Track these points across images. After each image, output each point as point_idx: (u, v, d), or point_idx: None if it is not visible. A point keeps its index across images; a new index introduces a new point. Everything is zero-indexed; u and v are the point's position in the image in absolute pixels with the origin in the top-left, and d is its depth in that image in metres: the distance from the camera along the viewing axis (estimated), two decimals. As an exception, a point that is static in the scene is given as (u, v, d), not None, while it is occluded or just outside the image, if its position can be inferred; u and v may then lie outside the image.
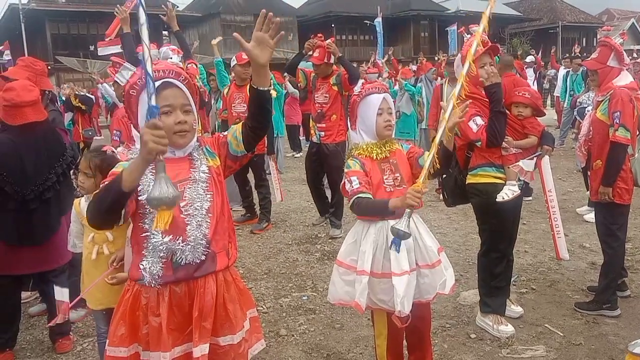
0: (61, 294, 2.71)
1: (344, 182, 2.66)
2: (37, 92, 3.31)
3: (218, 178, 2.06)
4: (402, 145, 2.82)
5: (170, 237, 1.90)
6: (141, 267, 1.92)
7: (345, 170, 2.68)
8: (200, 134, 5.72)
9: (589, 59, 3.70)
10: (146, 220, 1.92)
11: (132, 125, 2.05)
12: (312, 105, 5.98)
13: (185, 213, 1.93)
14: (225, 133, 2.12)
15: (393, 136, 2.77)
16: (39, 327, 3.90)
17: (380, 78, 10.03)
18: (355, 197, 2.55)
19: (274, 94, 6.07)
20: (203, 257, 1.95)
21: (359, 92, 2.76)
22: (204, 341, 1.96)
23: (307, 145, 7.74)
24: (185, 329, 1.97)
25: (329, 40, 5.67)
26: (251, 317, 2.20)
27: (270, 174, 9.29)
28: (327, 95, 5.74)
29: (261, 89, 1.95)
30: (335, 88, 5.71)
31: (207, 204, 1.98)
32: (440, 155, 2.48)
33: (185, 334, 1.98)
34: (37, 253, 3.33)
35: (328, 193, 6.35)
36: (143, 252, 1.94)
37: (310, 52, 5.74)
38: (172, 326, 1.95)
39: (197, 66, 6.14)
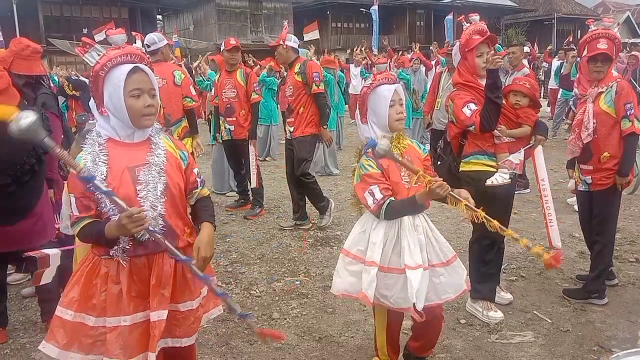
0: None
1: (364, 193, 2.55)
2: (7, 78, 3.23)
3: (176, 164, 2.17)
4: (415, 143, 2.79)
5: None
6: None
7: (362, 172, 2.57)
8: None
9: (601, 50, 3.53)
10: (101, 207, 2.02)
11: (95, 105, 2.10)
12: (282, 99, 5.72)
13: (140, 195, 2.03)
14: (195, 178, 2.25)
15: None
16: (32, 309, 3.91)
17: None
18: (385, 205, 2.51)
19: (257, 98, 5.97)
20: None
21: (370, 83, 2.67)
22: (162, 307, 2.07)
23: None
24: (146, 296, 2.08)
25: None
26: None
27: (264, 160, 9.37)
28: (292, 87, 5.42)
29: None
30: (299, 78, 5.36)
31: (162, 186, 2.07)
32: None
33: (147, 301, 2.08)
34: (16, 232, 3.30)
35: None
36: None
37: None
38: (133, 293, 2.07)
39: None
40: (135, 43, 4.85)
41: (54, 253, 2.53)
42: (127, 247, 2.05)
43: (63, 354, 2.08)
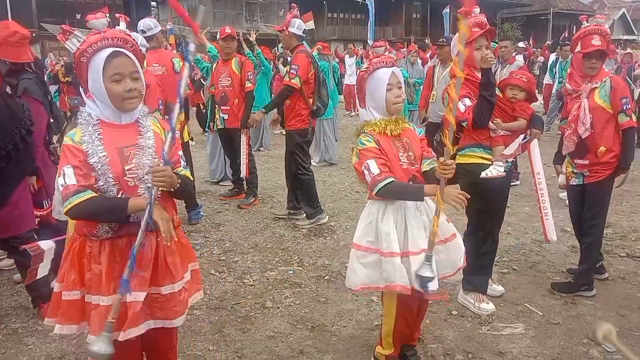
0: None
1: (362, 168, 2.52)
2: None
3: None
4: (413, 126, 2.77)
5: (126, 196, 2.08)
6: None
7: (359, 147, 2.56)
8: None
9: (596, 46, 3.56)
10: (100, 182, 2.05)
11: (82, 90, 2.16)
12: (276, 89, 5.70)
13: (131, 176, 2.08)
14: (179, 158, 2.25)
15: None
16: (23, 294, 3.89)
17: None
18: (384, 183, 2.45)
19: (250, 86, 5.95)
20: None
21: (367, 67, 2.62)
22: (140, 289, 2.10)
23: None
24: None
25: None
26: (192, 270, 2.38)
27: (258, 150, 9.33)
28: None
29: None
30: (288, 69, 5.30)
31: None
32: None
33: None
34: None
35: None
36: None
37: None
38: (114, 274, 2.10)
39: None
40: (119, 25, 4.78)
41: (48, 247, 2.53)
42: (114, 226, 2.09)
43: (79, 327, 2.21)
